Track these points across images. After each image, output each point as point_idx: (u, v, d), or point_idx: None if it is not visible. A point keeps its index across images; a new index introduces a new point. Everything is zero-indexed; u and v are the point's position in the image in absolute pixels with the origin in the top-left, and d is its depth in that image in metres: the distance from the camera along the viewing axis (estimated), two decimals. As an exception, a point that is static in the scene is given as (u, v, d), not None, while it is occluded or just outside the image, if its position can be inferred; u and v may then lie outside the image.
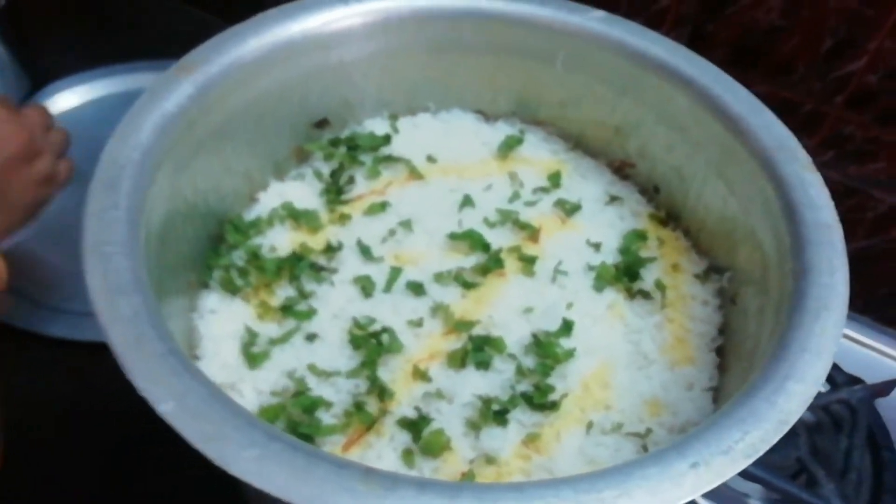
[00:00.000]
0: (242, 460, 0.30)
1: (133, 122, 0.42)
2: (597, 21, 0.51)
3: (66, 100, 0.76)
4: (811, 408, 0.55)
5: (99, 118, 0.77)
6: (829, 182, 0.63)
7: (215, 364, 0.44)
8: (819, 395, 0.56)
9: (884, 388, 0.55)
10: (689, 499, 0.31)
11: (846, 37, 0.56)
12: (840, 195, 0.64)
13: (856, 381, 0.56)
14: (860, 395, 0.54)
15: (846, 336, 0.63)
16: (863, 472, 0.51)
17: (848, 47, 0.57)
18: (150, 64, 0.79)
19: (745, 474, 0.51)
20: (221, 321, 0.46)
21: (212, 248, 0.50)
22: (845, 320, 0.37)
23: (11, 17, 0.71)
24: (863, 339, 0.62)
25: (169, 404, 0.31)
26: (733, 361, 0.45)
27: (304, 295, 0.48)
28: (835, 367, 0.57)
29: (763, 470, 0.50)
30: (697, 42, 0.62)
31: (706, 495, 0.53)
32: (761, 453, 0.32)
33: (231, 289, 0.47)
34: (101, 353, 0.32)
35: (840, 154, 0.62)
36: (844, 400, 0.54)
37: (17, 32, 0.73)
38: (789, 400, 0.34)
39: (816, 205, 0.41)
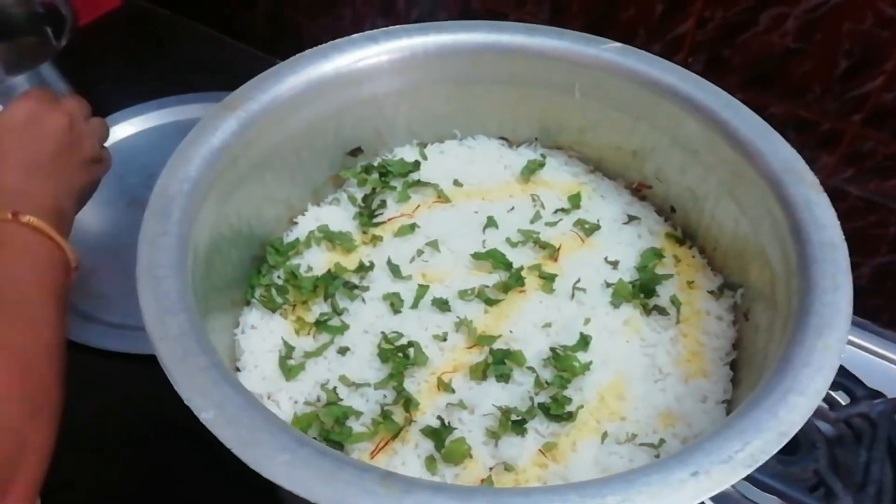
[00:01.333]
0: (275, 464, 0.33)
1: (182, 156, 0.46)
2: (611, 52, 0.53)
3: (122, 130, 0.83)
4: (831, 420, 0.56)
5: (152, 146, 0.82)
6: (850, 198, 0.64)
7: (255, 376, 0.48)
8: (839, 408, 0.57)
9: (905, 403, 0.56)
10: (689, 504, 0.33)
11: (861, 58, 0.58)
12: (862, 211, 0.65)
13: (877, 394, 0.56)
14: (880, 409, 0.54)
15: (868, 350, 0.63)
16: (882, 486, 0.52)
17: (863, 68, 0.58)
18: (199, 96, 0.85)
19: (762, 486, 0.52)
20: (261, 336, 0.50)
21: (254, 269, 0.54)
22: (847, 336, 0.38)
23: (72, 53, 0.78)
24: (885, 353, 0.62)
25: (210, 413, 0.35)
26: (745, 375, 0.47)
27: (337, 311, 0.51)
28: (856, 380, 0.58)
29: (781, 482, 0.51)
30: (714, 67, 0.64)
31: (725, 507, 0.54)
32: (760, 463, 0.34)
33: (271, 306, 0.51)
34: (152, 365, 0.36)
35: (860, 170, 0.63)
36: (864, 413, 0.55)
37: (76, 68, 0.79)
38: (790, 412, 0.35)
39: (822, 224, 0.43)
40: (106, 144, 0.81)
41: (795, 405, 0.35)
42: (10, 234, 0.46)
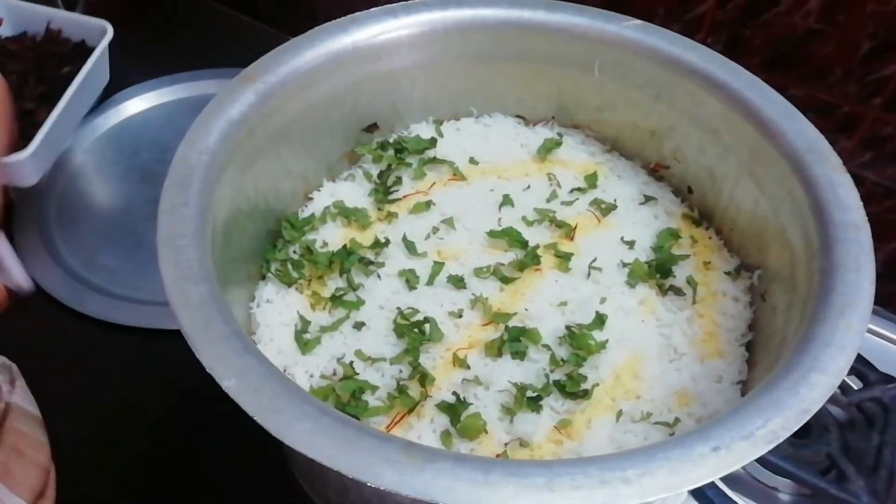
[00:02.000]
0: (296, 432, 0.33)
1: (201, 128, 0.46)
2: (632, 29, 0.53)
3: (134, 105, 0.82)
4: (844, 405, 0.56)
5: (164, 122, 0.82)
6: (867, 183, 0.64)
7: (271, 349, 0.48)
8: (852, 392, 0.57)
9: (918, 388, 0.56)
10: (709, 479, 0.33)
11: (885, 40, 0.57)
12: (879, 196, 0.64)
13: (890, 379, 0.56)
14: (893, 394, 0.54)
15: (881, 335, 0.63)
16: (894, 469, 0.52)
17: (886, 50, 0.57)
18: (211, 72, 0.85)
19: (774, 468, 0.52)
20: (277, 310, 0.50)
21: (270, 243, 0.54)
22: (870, 316, 0.38)
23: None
24: (898, 339, 0.62)
25: (232, 381, 0.35)
26: (762, 356, 0.47)
27: (353, 286, 0.51)
28: (869, 365, 0.58)
29: (793, 464, 0.51)
30: (734, 48, 0.63)
31: (736, 489, 0.54)
32: (782, 439, 0.34)
33: (286, 280, 0.51)
34: (163, 338, 0.36)
35: (878, 155, 0.62)
36: (877, 398, 0.55)
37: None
38: (811, 390, 0.35)
39: (845, 205, 0.43)
40: (118, 120, 0.81)
41: (817, 383, 0.35)
42: None
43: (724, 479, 0.55)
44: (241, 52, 0.54)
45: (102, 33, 0.74)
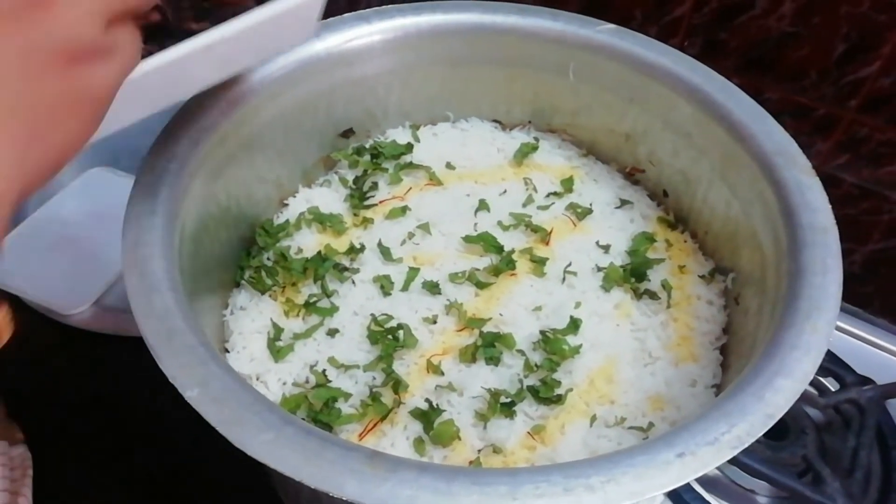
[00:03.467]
0: (259, 443, 0.33)
1: (170, 135, 0.45)
2: (605, 33, 0.53)
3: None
4: (821, 407, 0.57)
5: (144, 128, 0.81)
6: (844, 185, 0.64)
7: (244, 357, 0.48)
8: (828, 394, 0.57)
9: (894, 389, 0.56)
10: (674, 486, 0.33)
11: (858, 42, 0.57)
12: (855, 198, 0.65)
13: (866, 381, 0.56)
14: (869, 395, 0.54)
15: (858, 337, 0.63)
16: (871, 472, 0.52)
17: (860, 52, 0.57)
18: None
19: (752, 471, 0.52)
20: (250, 317, 0.50)
21: (244, 250, 0.53)
22: (836, 319, 0.38)
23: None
24: (875, 340, 0.62)
25: (195, 391, 0.34)
26: (735, 360, 0.47)
27: (327, 293, 0.51)
28: (845, 367, 0.58)
29: (770, 467, 0.51)
30: (711, 50, 0.63)
31: (713, 492, 0.54)
32: (746, 445, 0.34)
33: (260, 287, 0.51)
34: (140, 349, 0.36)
35: (855, 157, 0.62)
36: (853, 400, 0.55)
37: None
38: (776, 395, 0.35)
39: (813, 208, 0.43)
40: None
41: (782, 388, 0.35)
42: None
43: (701, 482, 0.54)
44: None
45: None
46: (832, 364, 0.58)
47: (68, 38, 0.27)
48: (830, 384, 0.58)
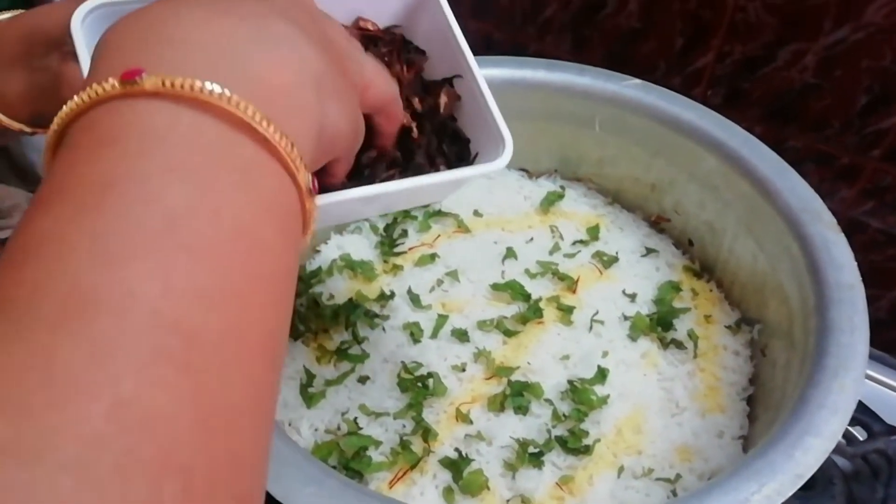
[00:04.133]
0: (302, 496, 0.34)
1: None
2: (631, 88, 0.54)
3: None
4: (849, 456, 0.56)
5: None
6: (869, 231, 0.65)
7: (277, 403, 0.49)
8: (857, 443, 0.57)
9: (924, 440, 0.56)
10: (704, 544, 0.34)
11: (880, 94, 0.58)
12: (881, 244, 0.65)
13: (894, 430, 0.56)
14: (898, 447, 0.54)
15: (886, 385, 0.63)
16: (900, 524, 0.51)
17: (882, 104, 0.58)
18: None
19: (780, 522, 0.52)
20: (284, 364, 0.51)
21: (277, 297, 0.55)
22: (864, 377, 0.39)
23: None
24: (904, 390, 0.62)
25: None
26: (762, 411, 0.47)
27: (358, 339, 0.52)
28: (873, 415, 0.57)
29: (798, 518, 0.51)
30: (734, 100, 0.65)
31: (742, 541, 0.54)
32: (776, 504, 0.34)
33: (293, 334, 0.52)
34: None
35: (879, 204, 0.63)
36: (881, 450, 0.54)
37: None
38: (806, 454, 0.36)
39: (839, 264, 0.43)
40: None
41: (811, 447, 0.36)
42: (182, 128, 0.20)
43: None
44: None
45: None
46: (860, 413, 0.58)
47: (361, 74, 0.28)
48: (859, 433, 0.58)
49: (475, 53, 0.35)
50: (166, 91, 0.20)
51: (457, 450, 0.46)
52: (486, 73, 0.56)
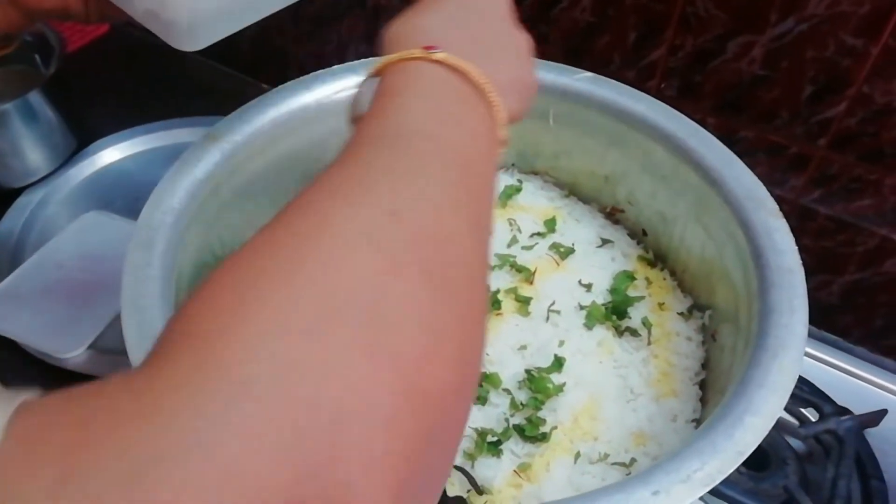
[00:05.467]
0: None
1: (166, 188, 0.47)
2: (583, 81, 0.55)
3: (109, 155, 0.84)
4: (802, 437, 0.58)
5: (139, 171, 0.84)
6: (819, 218, 0.66)
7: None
8: (808, 425, 0.59)
9: (872, 419, 0.58)
10: (649, 523, 0.35)
11: (825, 84, 0.60)
12: (831, 231, 0.67)
13: (845, 411, 0.58)
14: (847, 426, 0.56)
15: (837, 367, 0.65)
16: (851, 501, 0.53)
17: (827, 93, 0.60)
18: (186, 120, 0.87)
19: (735, 502, 0.53)
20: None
21: (237, 295, 0.55)
22: (802, 358, 0.40)
23: (58, 82, 0.79)
24: (853, 370, 0.64)
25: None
26: (712, 395, 0.49)
27: (319, 336, 0.52)
28: (824, 397, 0.59)
29: (752, 498, 0.53)
30: (687, 93, 0.66)
31: (699, 522, 0.55)
32: (718, 482, 0.36)
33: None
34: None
35: (828, 192, 0.65)
36: (832, 430, 0.56)
37: (63, 97, 0.80)
38: (746, 433, 0.37)
39: (780, 249, 0.45)
40: (92, 170, 0.83)
41: (751, 426, 0.37)
42: (425, 71, 0.31)
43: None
44: (217, 101, 0.56)
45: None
46: (812, 395, 0.60)
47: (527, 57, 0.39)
48: (811, 414, 0.59)
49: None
50: (447, 62, 0.31)
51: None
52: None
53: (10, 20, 0.42)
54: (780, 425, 0.57)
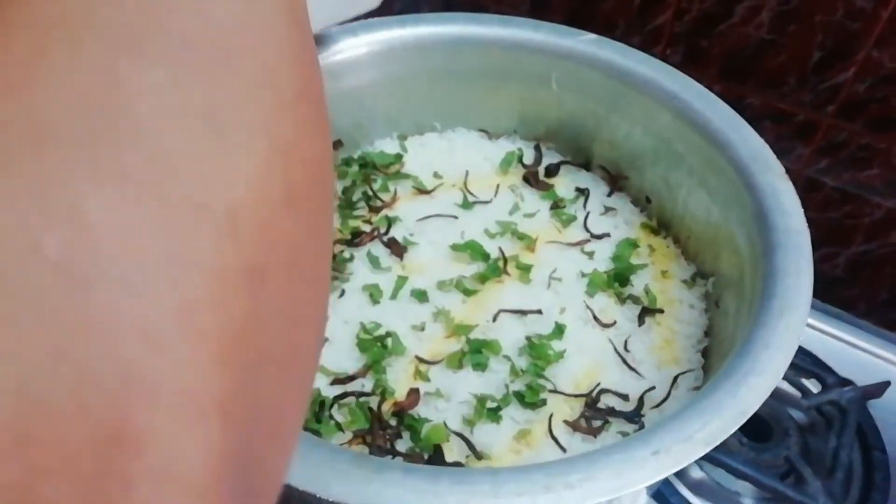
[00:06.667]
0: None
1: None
2: (586, 43, 0.54)
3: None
4: (804, 408, 0.57)
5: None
6: (825, 188, 0.65)
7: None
8: (811, 395, 0.58)
9: (875, 390, 0.57)
10: (650, 482, 0.34)
11: (833, 49, 0.58)
12: (837, 201, 0.66)
13: (847, 382, 0.57)
14: (849, 397, 0.55)
15: (841, 339, 0.64)
16: (852, 471, 0.53)
17: (835, 59, 0.59)
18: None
19: (736, 473, 0.53)
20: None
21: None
22: (807, 317, 0.39)
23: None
24: (857, 342, 0.63)
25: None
26: (716, 361, 0.48)
27: (316, 302, 0.52)
28: (827, 368, 0.59)
29: (753, 469, 0.52)
30: (693, 58, 0.65)
31: (699, 493, 0.55)
32: (719, 441, 0.35)
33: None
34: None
35: (835, 161, 0.64)
36: (835, 401, 0.56)
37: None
38: (749, 392, 0.36)
39: (786, 211, 0.44)
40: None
41: (755, 385, 0.36)
42: None
43: (686, 485, 0.55)
44: None
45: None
46: (814, 366, 0.59)
47: None
48: (813, 386, 0.59)
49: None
50: None
51: (411, 415, 0.46)
52: (440, 30, 0.57)
53: None
54: (782, 396, 0.57)
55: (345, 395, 0.46)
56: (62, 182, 0.12)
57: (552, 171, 0.60)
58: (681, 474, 0.56)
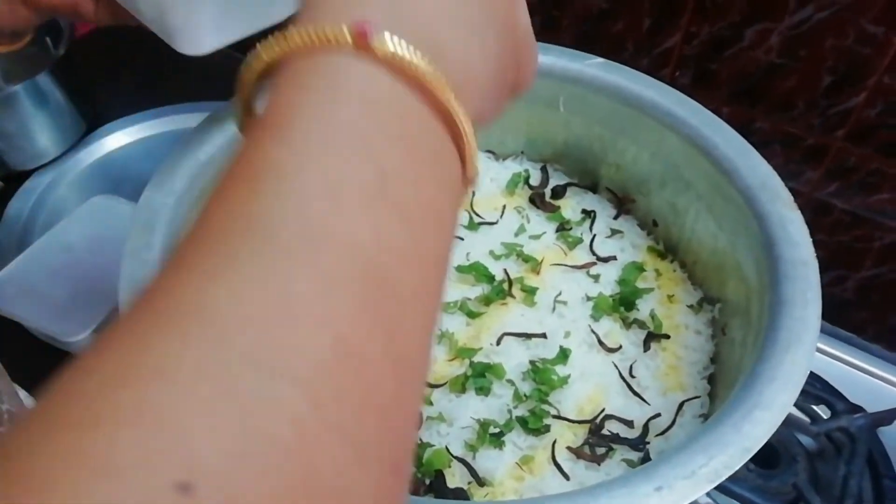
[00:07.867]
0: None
1: (168, 171, 0.47)
2: (594, 67, 0.54)
3: (116, 140, 0.83)
4: (813, 434, 0.57)
5: (147, 156, 0.83)
6: (835, 212, 0.65)
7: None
8: (820, 422, 0.57)
9: (885, 417, 0.56)
10: (652, 518, 0.34)
11: (845, 74, 0.58)
12: (847, 225, 0.65)
13: (857, 409, 0.57)
14: (860, 423, 0.55)
15: (851, 364, 0.63)
16: (862, 500, 0.52)
17: (846, 84, 0.58)
18: (194, 105, 0.86)
19: (743, 500, 0.52)
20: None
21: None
22: (814, 352, 0.39)
23: (68, 65, 0.79)
24: (867, 367, 0.63)
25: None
26: (721, 389, 0.47)
27: (321, 323, 0.52)
28: (837, 394, 0.58)
29: (760, 496, 0.52)
30: (702, 81, 0.64)
31: (705, 519, 0.54)
32: (724, 478, 0.34)
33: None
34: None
35: (845, 185, 0.63)
36: (844, 428, 0.55)
37: (73, 79, 0.80)
38: (754, 427, 0.36)
39: (794, 242, 0.43)
40: (100, 154, 0.83)
41: (760, 420, 0.36)
42: (352, 79, 0.20)
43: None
44: (225, 86, 0.55)
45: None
46: (824, 392, 0.58)
47: (524, 31, 0.28)
48: (822, 412, 0.58)
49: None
50: (393, 61, 0.20)
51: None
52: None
53: (20, 17, 0.42)
54: (790, 422, 0.56)
55: (348, 418, 0.46)
56: None
57: (559, 192, 0.60)
58: (686, 500, 0.56)
